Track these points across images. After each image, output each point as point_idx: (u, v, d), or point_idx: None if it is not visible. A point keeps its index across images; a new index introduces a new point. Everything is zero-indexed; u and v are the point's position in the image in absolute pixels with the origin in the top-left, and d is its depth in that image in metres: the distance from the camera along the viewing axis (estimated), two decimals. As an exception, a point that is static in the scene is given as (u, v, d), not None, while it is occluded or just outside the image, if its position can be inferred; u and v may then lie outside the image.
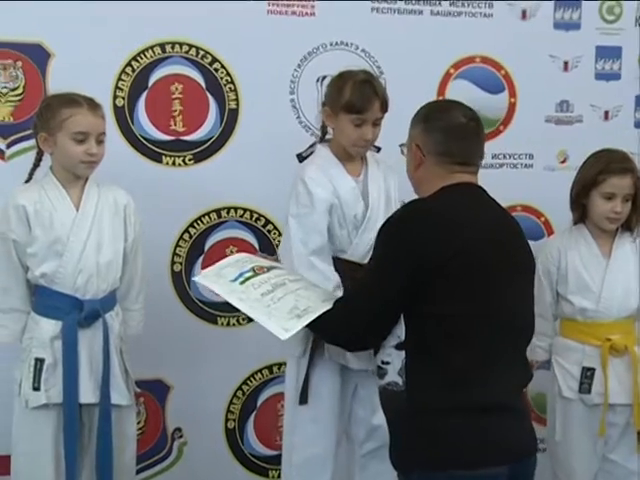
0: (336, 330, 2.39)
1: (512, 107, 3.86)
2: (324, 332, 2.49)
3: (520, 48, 3.80)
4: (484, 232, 2.25)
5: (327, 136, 3.11)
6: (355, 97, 2.90)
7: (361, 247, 2.97)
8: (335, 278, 2.91)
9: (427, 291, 2.19)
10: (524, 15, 3.82)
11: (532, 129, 3.88)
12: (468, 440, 2.17)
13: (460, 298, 2.18)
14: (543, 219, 3.96)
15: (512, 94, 3.85)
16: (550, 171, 3.93)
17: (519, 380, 2.34)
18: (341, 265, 2.96)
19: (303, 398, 2.99)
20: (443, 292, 2.19)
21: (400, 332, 2.28)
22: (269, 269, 2.59)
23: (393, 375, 2.33)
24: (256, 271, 2.56)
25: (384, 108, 2.95)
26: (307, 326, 2.39)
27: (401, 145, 2.55)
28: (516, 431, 2.25)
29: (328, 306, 2.39)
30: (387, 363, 2.35)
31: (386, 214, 2.93)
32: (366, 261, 2.83)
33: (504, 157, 3.88)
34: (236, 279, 2.52)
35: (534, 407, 3.86)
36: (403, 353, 2.29)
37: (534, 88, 3.85)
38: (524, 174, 3.90)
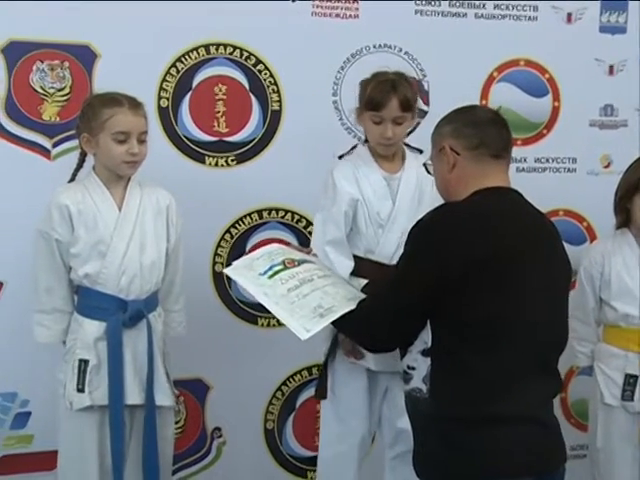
0: (358, 330, 2.39)
1: (556, 111, 3.85)
2: (347, 331, 2.50)
3: (565, 51, 3.78)
4: (516, 240, 2.20)
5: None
6: (373, 94, 2.93)
7: (387, 247, 2.97)
8: (344, 273, 2.92)
9: (452, 298, 2.15)
10: (569, 18, 3.80)
11: (576, 133, 3.87)
12: (490, 451, 2.14)
13: (485, 307, 2.15)
14: (585, 224, 3.94)
15: (556, 98, 3.84)
16: (593, 175, 3.91)
17: (547, 391, 2.29)
18: (366, 266, 2.97)
19: (319, 393, 3.02)
20: (468, 300, 2.15)
21: (427, 338, 2.26)
22: (300, 263, 2.56)
23: (418, 381, 2.30)
24: (286, 265, 2.53)
25: (404, 107, 2.94)
26: (333, 324, 2.38)
27: (425, 164, 2.54)
28: (541, 443, 2.19)
29: (352, 305, 2.37)
30: (412, 368, 2.33)
31: (417, 214, 2.93)
32: (392, 262, 2.87)
33: (547, 161, 3.86)
34: (265, 272, 2.49)
35: (575, 413, 3.84)
36: (429, 359, 2.27)
37: (578, 92, 3.83)
38: (567, 178, 3.89)
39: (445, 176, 2.36)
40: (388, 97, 2.91)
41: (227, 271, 2.58)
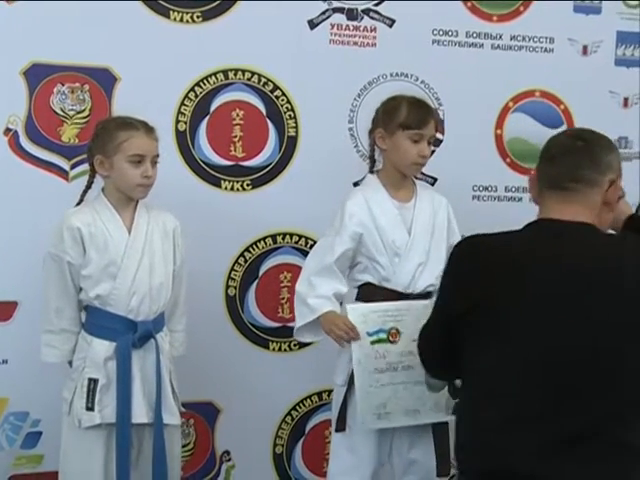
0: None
1: (570, 142, 3.85)
2: None
3: (580, 83, 3.80)
4: (538, 280, 2.01)
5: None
6: (413, 113, 2.95)
7: (403, 276, 2.96)
8: (325, 292, 2.93)
9: (458, 336, 2.10)
10: (585, 51, 3.82)
11: (590, 164, 3.86)
12: None
13: (482, 352, 2.05)
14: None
15: (571, 129, 3.85)
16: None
17: (563, 435, 1.94)
18: (382, 294, 2.95)
19: (339, 425, 3.00)
20: (469, 343, 2.09)
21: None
22: (401, 336, 2.77)
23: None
24: (390, 338, 2.74)
25: (437, 128, 3.00)
26: None
27: None
28: None
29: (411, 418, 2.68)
30: None
31: (432, 243, 2.97)
32: (409, 291, 2.95)
33: (560, 191, 3.86)
34: (372, 334, 2.71)
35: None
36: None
37: (593, 123, 3.74)
38: (580, 209, 3.88)
39: None
40: (427, 116, 2.96)
41: (351, 307, 2.85)
